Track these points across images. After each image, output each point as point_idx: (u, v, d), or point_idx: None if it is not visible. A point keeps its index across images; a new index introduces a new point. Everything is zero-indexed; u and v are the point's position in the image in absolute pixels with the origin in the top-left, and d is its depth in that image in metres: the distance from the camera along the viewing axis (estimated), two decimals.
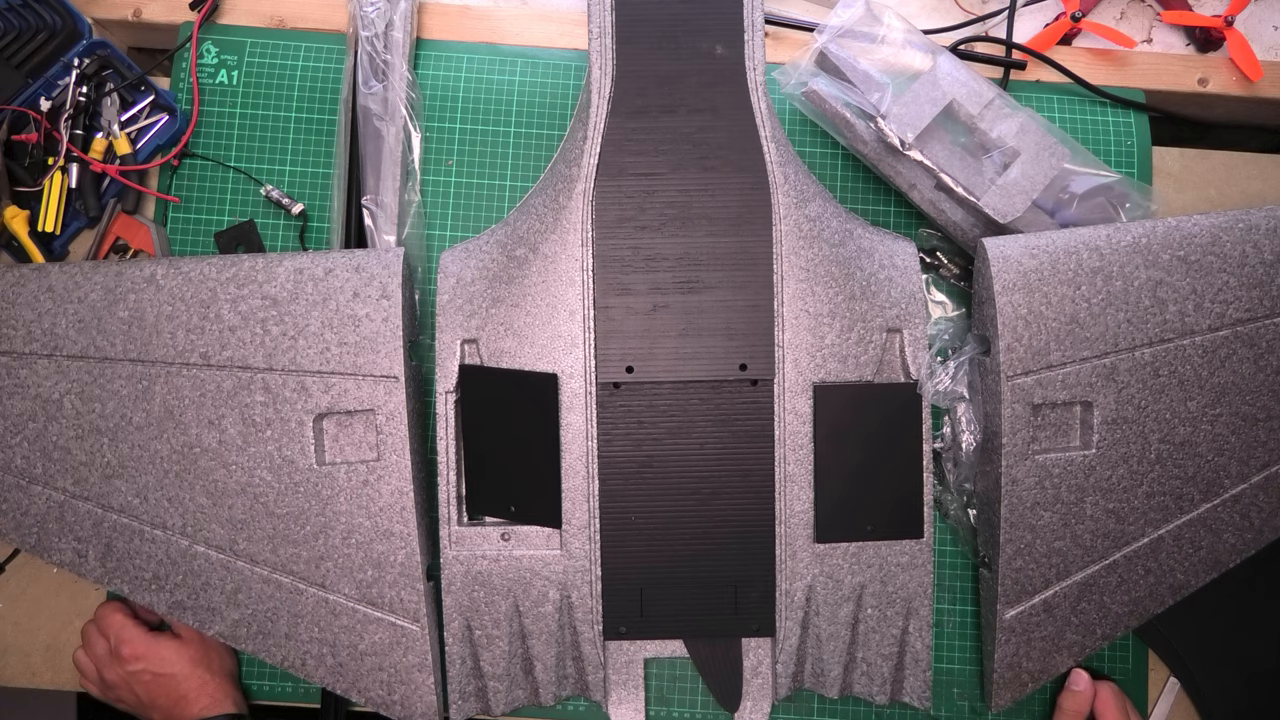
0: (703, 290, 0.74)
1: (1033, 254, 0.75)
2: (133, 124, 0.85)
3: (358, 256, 0.76)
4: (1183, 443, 0.74)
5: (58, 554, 0.75)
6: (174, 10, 0.88)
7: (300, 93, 0.87)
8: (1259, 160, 0.89)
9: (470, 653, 0.76)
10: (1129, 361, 0.74)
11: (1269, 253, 0.74)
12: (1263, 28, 0.93)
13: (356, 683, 0.75)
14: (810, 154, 0.87)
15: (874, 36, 0.82)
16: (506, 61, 0.88)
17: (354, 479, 0.74)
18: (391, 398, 0.74)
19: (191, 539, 0.74)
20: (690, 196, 0.74)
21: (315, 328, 0.74)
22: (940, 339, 0.80)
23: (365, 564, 0.74)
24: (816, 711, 0.81)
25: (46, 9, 0.83)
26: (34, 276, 0.76)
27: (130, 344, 0.74)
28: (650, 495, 0.75)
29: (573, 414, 0.74)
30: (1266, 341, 0.74)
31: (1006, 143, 0.78)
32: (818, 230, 0.75)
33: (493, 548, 0.76)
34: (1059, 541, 0.74)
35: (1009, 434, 0.74)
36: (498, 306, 0.75)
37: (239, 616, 0.74)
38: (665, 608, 0.76)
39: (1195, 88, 0.89)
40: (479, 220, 0.86)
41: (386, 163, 0.83)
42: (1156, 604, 0.76)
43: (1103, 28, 0.88)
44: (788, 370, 0.74)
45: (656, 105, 0.74)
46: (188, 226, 0.85)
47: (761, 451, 0.75)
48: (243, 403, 0.74)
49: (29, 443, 0.74)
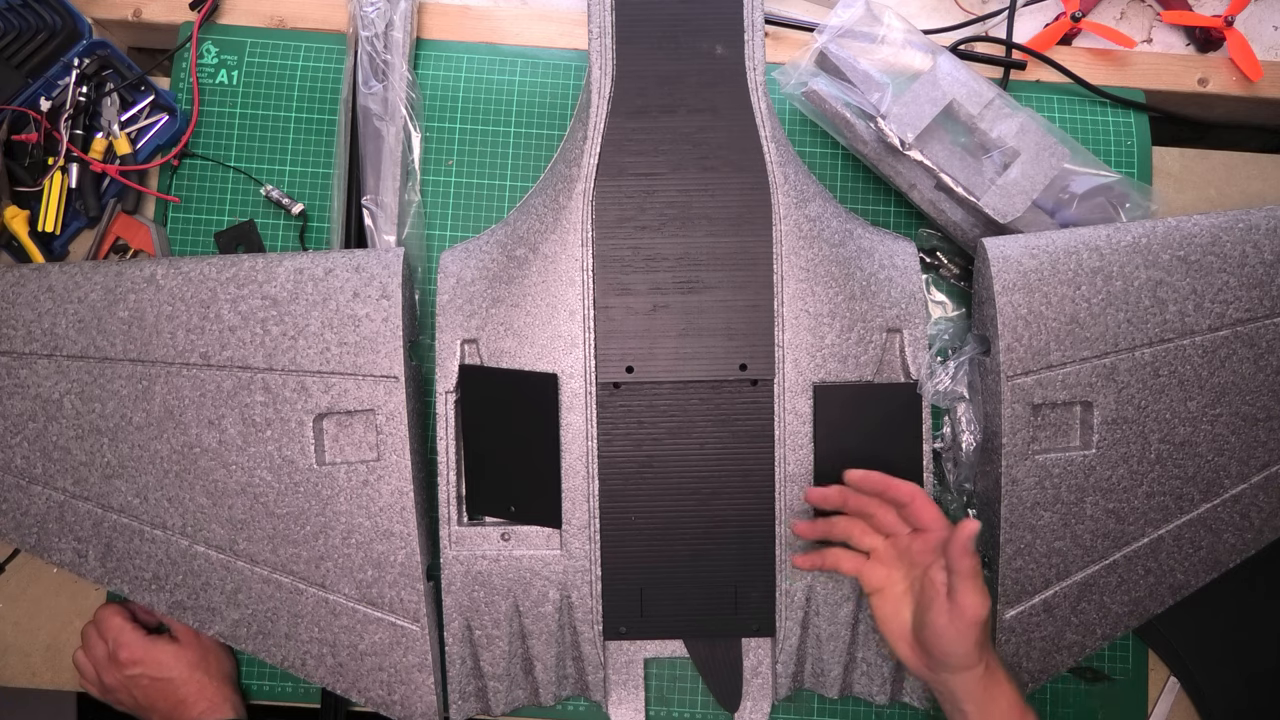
0: (703, 290, 0.74)
1: (1033, 254, 0.75)
2: (133, 124, 0.85)
3: (358, 256, 0.76)
4: (1183, 443, 0.74)
5: (58, 554, 0.75)
6: (174, 10, 0.88)
7: (300, 93, 0.87)
8: (1259, 160, 0.89)
9: (470, 653, 0.76)
10: (1129, 361, 0.74)
11: (1269, 253, 0.74)
12: (1263, 28, 0.93)
13: (356, 683, 0.75)
14: (810, 154, 0.87)
15: (874, 36, 0.82)
16: (506, 61, 0.88)
17: (354, 479, 0.74)
18: (391, 398, 0.74)
19: (191, 539, 0.74)
20: (690, 196, 0.74)
21: (315, 328, 0.74)
22: (940, 339, 0.80)
23: (365, 564, 0.74)
24: (816, 711, 0.81)
25: (46, 9, 0.83)
26: (34, 276, 0.76)
27: (130, 344, 0.74)
28: (650, 495, 0.75)
29: (573, 414, 0.74)
30: (1266, 341, 0.74)
31: (1006, 143, 0.78)
32: (818, 230, 0.75)
33: (493, 548, 0.76)
34: (1059, 541, 0.74)
35: (1009, 434, 0.74)
36: (498, 306, 0.75)
37: (239, 616, 0.74)
38: (665, 608, 0.76)
39: (1195, 88, 0.89)
40: (479, 220, 0.86)
41: (386, 163, 0.83)
42: (1156, 604, 0.76)
43: (1103, 28, 0.88)
44: (788, 370, 0.74)
45: (656, 105, 0.74)
46: (188, 226, 0.85)
47: (761, 451, 0.75)
48: (243, 403, 0.74)
49: (29, 443, 0.74)
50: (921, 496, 0.66)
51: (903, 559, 0.67)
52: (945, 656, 0.64)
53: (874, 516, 0.69)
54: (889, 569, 0.68)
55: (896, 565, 0.68)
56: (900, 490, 0.67)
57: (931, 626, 0.64)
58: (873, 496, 0.69)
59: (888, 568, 0.68)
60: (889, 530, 0.68)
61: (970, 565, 0.62)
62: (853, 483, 0.69)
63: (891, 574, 0.68)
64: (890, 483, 0.67)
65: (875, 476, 0.68)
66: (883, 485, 0.67)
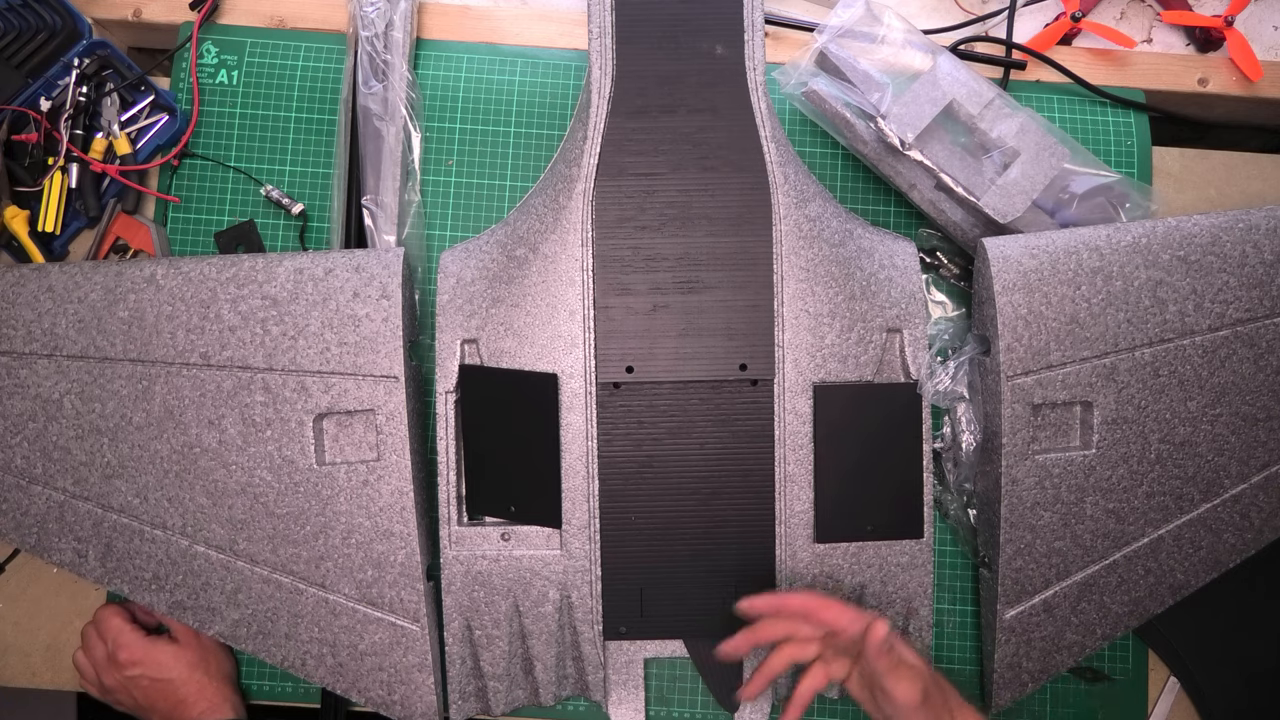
0: (703, 290, 0.74)
1: (1033, 254, 0.75)
2: (133, 124, 0.85)
3: (358, 256, 0.76)
4: (1183, 443, 0.74)
5: (58, 554, 0.75)
6: (174, 10, 0.88)
7: (300, 93, 0.87)
8: (1259, 160, 0.89)
9: (470, 653, 0.76)
10: (1129, 361, 0.74)
11: (1269, 253, 0.74)
12: (1263, 28, 0.93)
13: (356, 683, 0.75)
14: (810, 154, 0.87)
15: (874, 36, 0.82)
16: (506, 61, 0.88)
17: (354, 479, 0.74)
18: (391, 398, 0.74)
19: (191, 539, 0.74)
20: (690, 196, 0.74)
21: (315, 328, 0.74)
22: (940, 339, 0.80)
23: (365, 564, 0.74)
24: (817, 711, 0.81)
25: (46, 9, 0.83)
26: (34, 276, 0.76)
27: (130, 344, 0.74)
28: (650, 495, 0.75)
29: (573, 414, 0.74)
30: (1266, 341, 0.74)
31: (1006, 143, 0.78)
32: (818, 230, 0.75)
33: (493, 548, 0.76)
34: (1059, 541, 0.74)
35: (1009, 434, 0.74)
36: (498, 306, 0.75)
37: (239, 616, 0.74)
38: (665, 608, 0.76)
39: (1195, 88, 0.89)
40: (479, 220, 0.86)
41: (386, 163, 0.83)
42: (1156, 604, 0.76)
43: (1103, 28, 0.88)
44: (788, 370, 0.74)
45: (656, 105, 0.74)
46: (188, 226, 0.85)
47: (761, 451, 0.75)
48: (243, 403, 0.74)
49: (29, 443, 0.74)
50: (815, 604, 0.67)
51: (841, 651, 0.68)
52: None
53: (795, 632, 0.69)
54: (840, 661, 0.69)
55: (842, 657, 0.69)
56: (792, 606, 0.68)
57: (882, 713, 0.67)
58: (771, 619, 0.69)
59: (839, 660, 0.69)
60: (810, 636, 0.69)
61: (888, 662, 0.64)
62: (743, 613, 0.69)
63: (845, 663, 0.69)
64: (780, 602, 0.68)
65: (762, 602, 0.69)
66: (776, 606, 0.68)
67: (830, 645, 0.68)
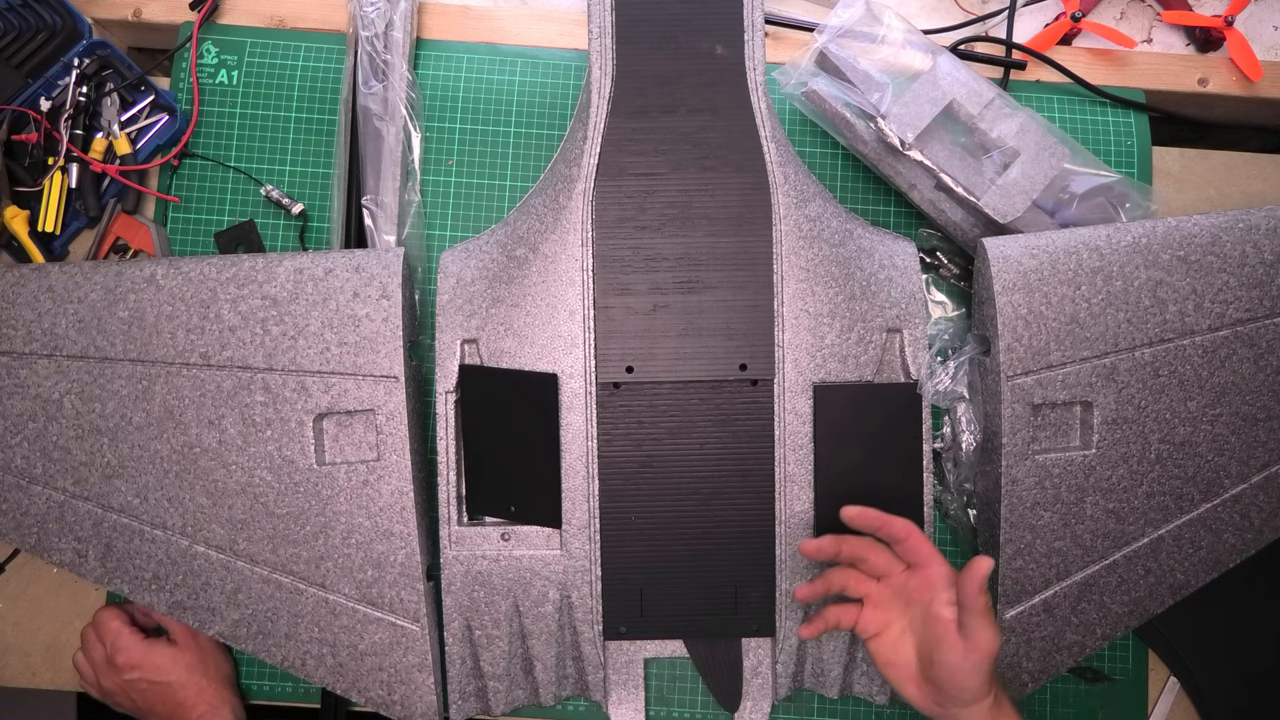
0: (703, 290, 0.74)
1: (1033, 254, 0.75)
2: (133, 124, 0.85)
3: (358, 256, 0.76)
4: (1183, 443, 0.74)
5: (58, 554, 0.75)
6: (174, 10, 0.88)
7: (300, 93, 0.87)
8: (1259, 160, 0.89)
9: (470, 653, 0.76)
10: (1129, 361, 0.74)
11: (1269, 253, 0.74)
12: (1263, 28, 0.93)
13: (356, 683, 0.75)
14: (810, 154, 0.87)
15: (874, 36, 0.82)
16: (506, 61, 0.88)
17: (354, 479, 0.74)
18: (391, 398, 0.74)
19: (191, 539, 0.74)
20: (690, 196, 0.74)
21: (315, 328, 0.74)
22: (940, 339, 0.80)
23: (365, 564, 0.74)
24: (816, 711, 0.81)
25: (46, 9, 0.83)
26: (34, 276, 0.76)
27: (130, 344, 0.74)
28: (650, 495, 0.75)
29: (573, 414, 0.74)
30: (1266, 341, 0.74)
31: (1006, 143, 0.78)
32: (818, 230, 0.75)
33: (493, 548, 0.76)
34: (1059, 541, 0.74)
35: (1009, 434, 0.74)
36: (498, 306, 0.75)
37: (239, 616, 0.74)
38: (665, 608, 0.76)
39: (1195, 88, 0.89)
40: (479, 220, 0.86)
41: (386, 163, 0.83)
42: (1156, 604, 0.76)
43: (1103, 28, 0.88)
44: (788, 370, 0.74)
45: (656, 105, 0.74)
46: (188, 226, 0.85)
47: (761, 451, 0.75)
48: (243, 403, 0.74)
49: (29, 443, 0.74)
50: (916, 533, 0.67)
51: (898, 598, 0.68)
52: (959, 692, 0.63)
53: (866, 560, 0.68)
54: (884, 611, 0.68)
55: (892, 606, 0.68)
56: (895, 527, 0.67)
57: (944, 664, 0.63)
58: (867, 534, 0.68)
59: (883, 610, 0.68)
60: (882, 572, 0.68)
61: (984, 603, 0.62)
62: (848, 519, 0.68)
63: (887, 616, 0.68)
64: (886, 519, 0.67)
65: (871, 514, 0.68)
66: (879, 522, 0.67)
67: (884, 592, 0.68)
